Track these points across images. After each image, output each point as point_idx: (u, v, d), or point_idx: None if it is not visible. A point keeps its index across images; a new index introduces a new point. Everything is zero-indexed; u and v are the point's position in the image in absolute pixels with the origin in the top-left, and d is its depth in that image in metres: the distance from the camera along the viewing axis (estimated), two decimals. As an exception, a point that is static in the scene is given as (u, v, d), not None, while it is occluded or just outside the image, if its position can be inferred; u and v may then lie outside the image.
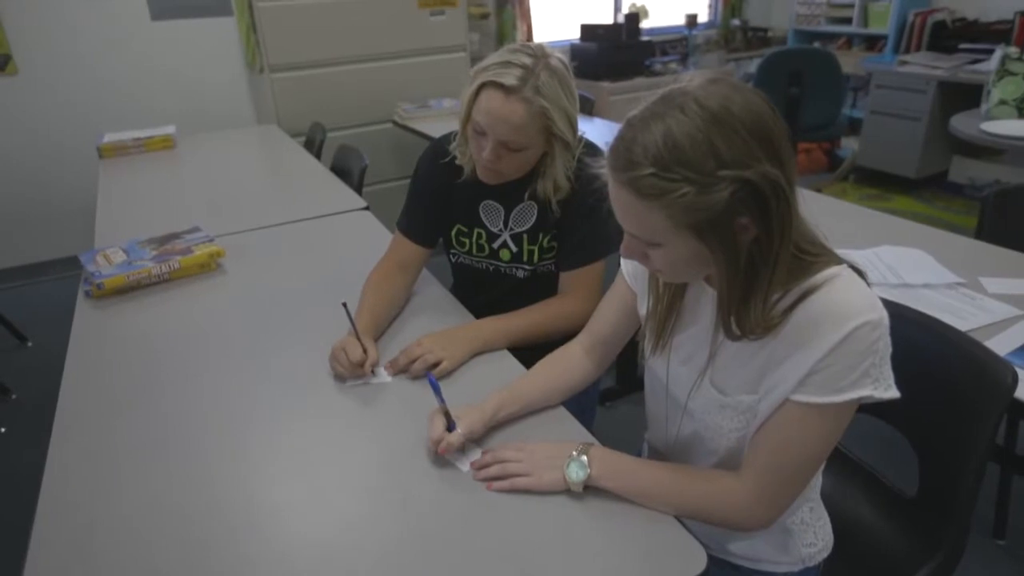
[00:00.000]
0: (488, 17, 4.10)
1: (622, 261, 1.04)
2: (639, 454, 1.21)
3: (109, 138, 2.79)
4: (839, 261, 0.79)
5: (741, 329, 0.78)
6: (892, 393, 0.76)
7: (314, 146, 2.86)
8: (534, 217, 1.34)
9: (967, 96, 3.54)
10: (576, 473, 0.88)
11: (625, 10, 4.68)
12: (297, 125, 3.18)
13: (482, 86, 1.16)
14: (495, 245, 1.39)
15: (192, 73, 3.48)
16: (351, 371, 1.15)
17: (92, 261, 1.56)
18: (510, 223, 1.36)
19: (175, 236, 1.68)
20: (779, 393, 0.79)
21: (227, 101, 3.59)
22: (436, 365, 1.16)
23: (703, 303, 0.89)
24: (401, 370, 1.18)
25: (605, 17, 4.71)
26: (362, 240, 1.81)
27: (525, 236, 1.35)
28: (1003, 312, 1.28)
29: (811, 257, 0.77)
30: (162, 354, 1.29)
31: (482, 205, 1.38)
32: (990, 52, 3.85)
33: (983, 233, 1.78)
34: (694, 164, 0.69)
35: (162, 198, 2.23)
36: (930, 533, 1.07)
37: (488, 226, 1.38)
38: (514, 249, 1.37)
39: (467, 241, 1.42)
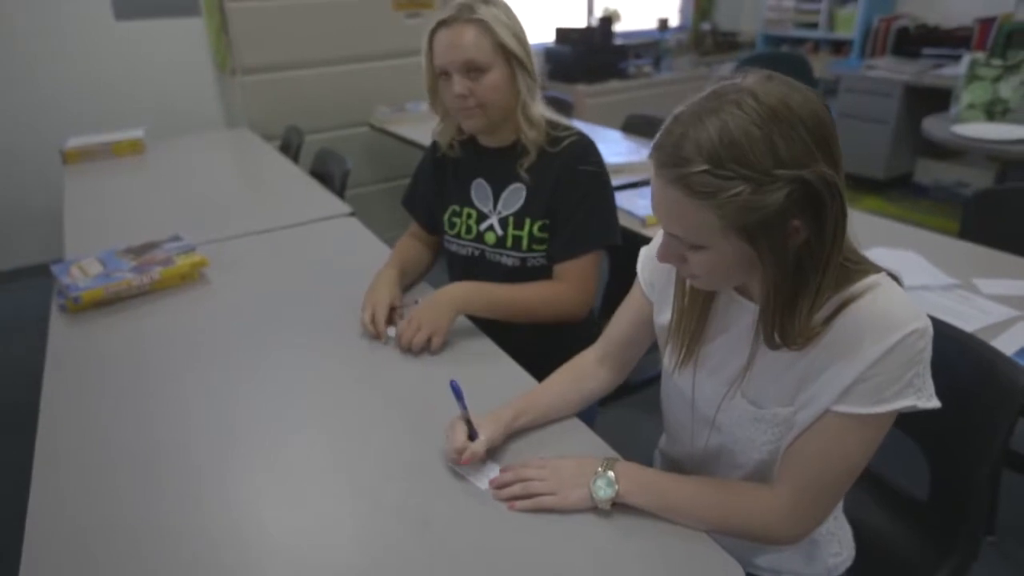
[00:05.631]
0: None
1: (639, 269, 1.02)
2: (649, 464, 1.19)
3: (74, 142, 2.67)
4: (877, 269, 0.77)
5: (783, 338, 0.76)
6: (934, 403, 0.75)
7: (291, 150, 2.78)
8: (522, 200, 1.35)
9: (932, 100, 3.64)
10: (604, 491, 0.85)
11: (598, 13, 4.69)
12: (270, 128, 3.09)
13: (432, 34, 1.26)
14: (482, 227, 1.39)
15: (159, 75, 3.37)
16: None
17: (66, 273, 1.48)
18: (499, 205, 1.37)
19: (154, 245, 1.61)
20: (818, 404, 0.77)
21: (196, 104, 3.48)
22: (431, 342, 1.22)
23: (733, 312, 0.87)
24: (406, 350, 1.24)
25: (578, 20, 4.72)
26: (350, 247, 1.75)
27: (511, 219, 1.36)
28: (1001, 313, 1.30)
29: (853, 265, 0.76)
30: (146, 370, 1.22)
31: (474, 184, 1.41)
32: (951, 57, 3.98)
33: (966, 234, 1.81)
34: (751, 162, 0.67)
35: (135, 205, 2.13)
36: (943, 536, 1.07)
37: (478, 206, 1.40)
38: (499, 232, 1.37)
39: (458, 222, 1.43)
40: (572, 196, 1.30)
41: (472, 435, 0.93)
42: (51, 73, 3.17)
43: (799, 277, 0.73)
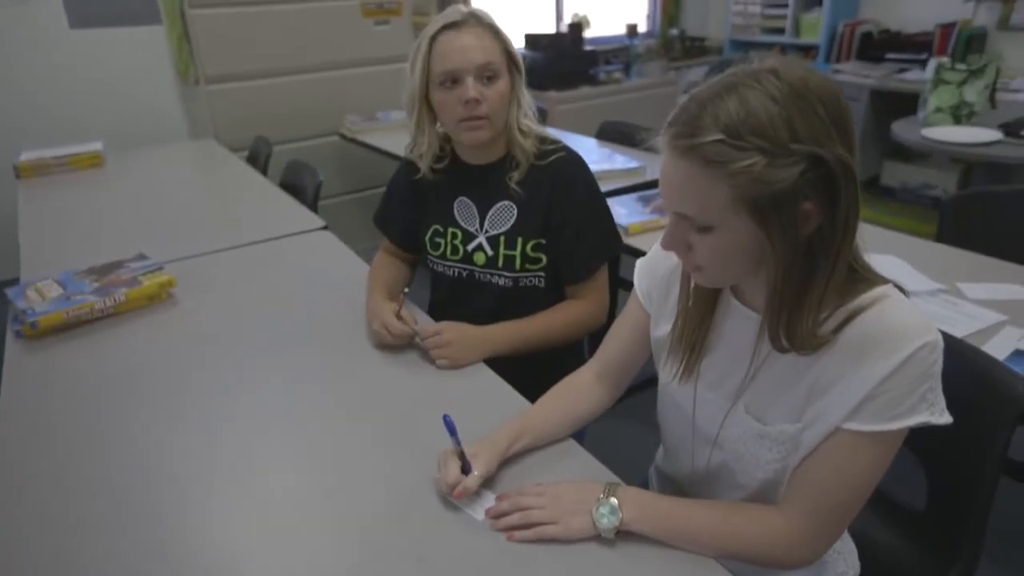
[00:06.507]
0: (432, 26, 4.01)
1: (636, 281, 0.99)
2: (644, 482, 1.16)
3: (27, 156, 2.55)
4: (884, 280, 0.75)
5: (789, 339, 0.73)
6: (946, 418, 0.73)
7: (259, 162, 2.70)
8: (513, 219, 1.30)
9: (897, 103, 3.70)
10: (607, 518, 0.81)
11: (567, 19, 4.68)
12: (237, 140, 3.00)
13: (433, 39, 1.19)
14: (470, 248, 1.33)
15: (118, 85, 3.25)
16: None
17: (23, 297, 1.39)
18: (486, 225, 1.32)
19: (118, 265, 1.52)
20: (827, 421, 0.75)
21: (158, 115, 3.36)
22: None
23: (736, 323, 0.84)
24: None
25: (548, 27, 4.71)
26: (324, 262, 1.69)
27: (502, 239, 1.31)
28: (988, 318, 1.30)
29: (861, 272, 0.74)
30: (112, 399, 1.15)
31: (456, 203, 1.34)
32: (914, 62, 4.06)
33: (942, 238, 1.83)
34: (768, 134, 0.65)
35: (96, 222, 2.04)
36: (944, 547, 1.05)
37: (463, 226, 1.34)
38: (489, 252, 1.32)
39: (442, 242, 1.36)
40: (573, 215, 1.27)
41: (465, 468, 0.89)
42: (2, 83, 3.03)
43: (808, 268, 0.71)
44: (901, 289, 0.77)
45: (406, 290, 1.30)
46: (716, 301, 0.86)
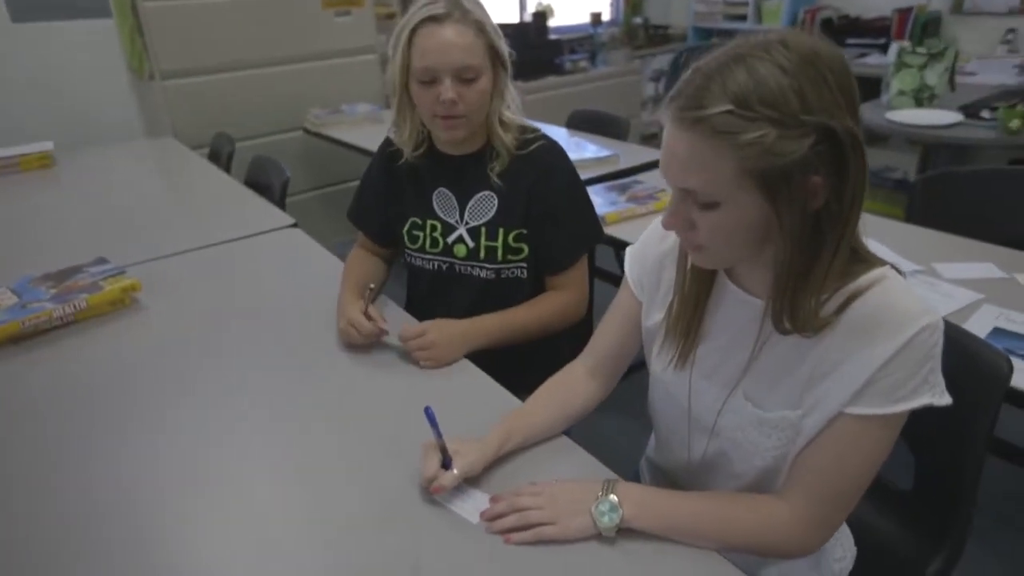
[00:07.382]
0: (395, 17, 3.94)
1: (627, 269, 0.97)
2: (635, 475, 1.14)
3: (-28, 158, 2.43)
4: (882, 262, 0.75)
5: (793, 321, 0.72)
6: (947, 399, 0.72)
7: (221, 159, 2.61)
8: (493, 210, 1.27)
9: (859, 88, 3.76)
10: (608, 516, 0.79)
11: (531, 9, 4.64)
12: (196, 137, 2.90)
13: (414, 30, 1.14)
14: (450, 240, 1.30)
15: (67, 82, 3.10)
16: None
17: (-26, 307, 1.31)
18: (466, 216, 1.28)
19: (77, 270, 1.45)
20: (828, 406, 0.74)
21: (110, 112, 3.22)
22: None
23: (733, 309, 0.82)
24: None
25: (511, 16, 4.66)
26: (295, 260, 1.64)
27: (483, 230, 1.27)
28: (966, 298, 1.31)
29: (861, 252, 0.73)
30: (76, 412, 1.09)
31: (435, 194, 1.31)
32: (873, 46, 4.13)
33: (913, 219, 1.85)
34: (778, 104, 0.63)
35: (50, 226, 1.94)
36: (932, 526, 1.06)
37: (443, 217, 1.30)
38: (470, 244, 1.28)
39: (420, 235, 1.32)
40: (555, 204, 1.25)
41: (446, 463, 0.86)
42: (-58, 82, 2.87)
43: (814, 245, 0.69)
44: (898, 271, 0.76)
45: (371, 286, 1.25)
46: (712, 283, 0.84)
